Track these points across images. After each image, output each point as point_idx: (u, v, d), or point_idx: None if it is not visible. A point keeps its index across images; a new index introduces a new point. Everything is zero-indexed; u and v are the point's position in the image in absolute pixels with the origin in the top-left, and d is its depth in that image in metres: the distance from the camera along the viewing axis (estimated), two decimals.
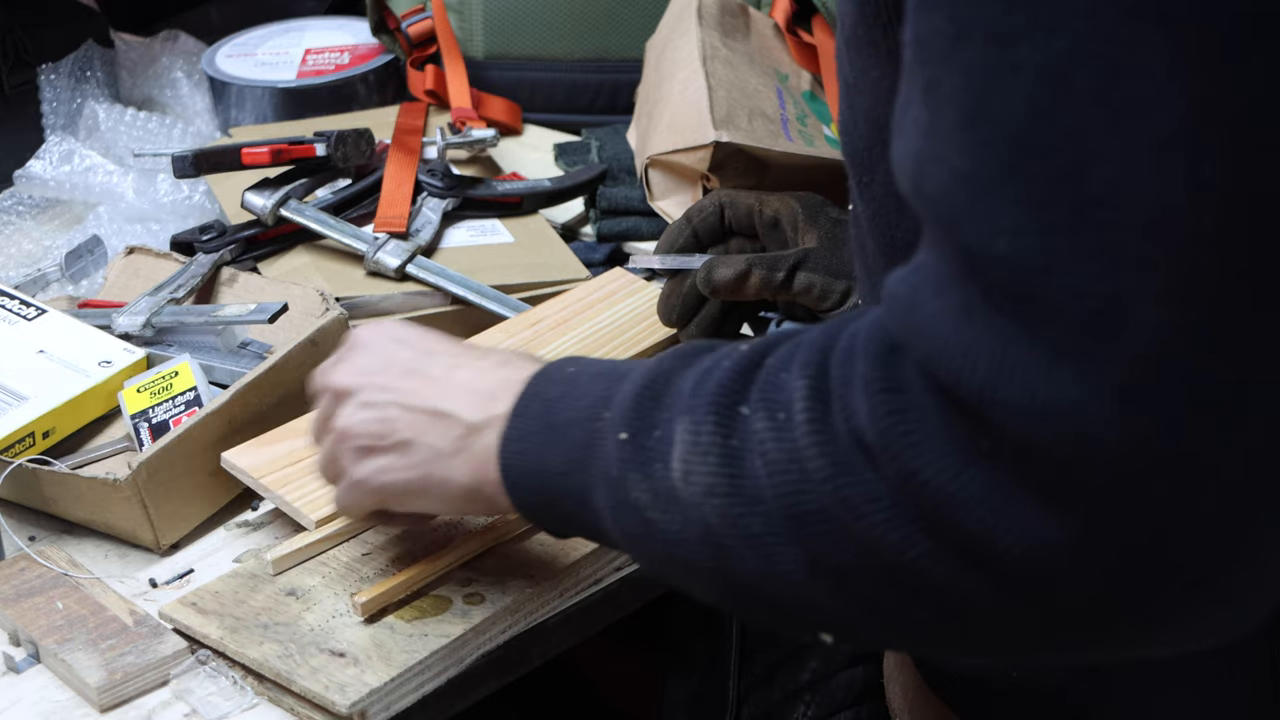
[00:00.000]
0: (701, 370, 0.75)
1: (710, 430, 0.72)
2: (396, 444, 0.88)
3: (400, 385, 0.89)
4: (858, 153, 0.84)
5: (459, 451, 0.86)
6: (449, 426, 0.86)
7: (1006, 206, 0.62)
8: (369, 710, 0.89)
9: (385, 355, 0.90)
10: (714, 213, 1.17)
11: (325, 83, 1.53)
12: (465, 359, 0.89)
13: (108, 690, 0.92)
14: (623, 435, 0.76)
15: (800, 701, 1.19)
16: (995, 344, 0.62)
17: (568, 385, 0.83)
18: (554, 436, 0.81)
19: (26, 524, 1.07)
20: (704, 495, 0.72)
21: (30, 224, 1.42)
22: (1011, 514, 0.62)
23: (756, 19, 1.47)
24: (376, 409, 0.89)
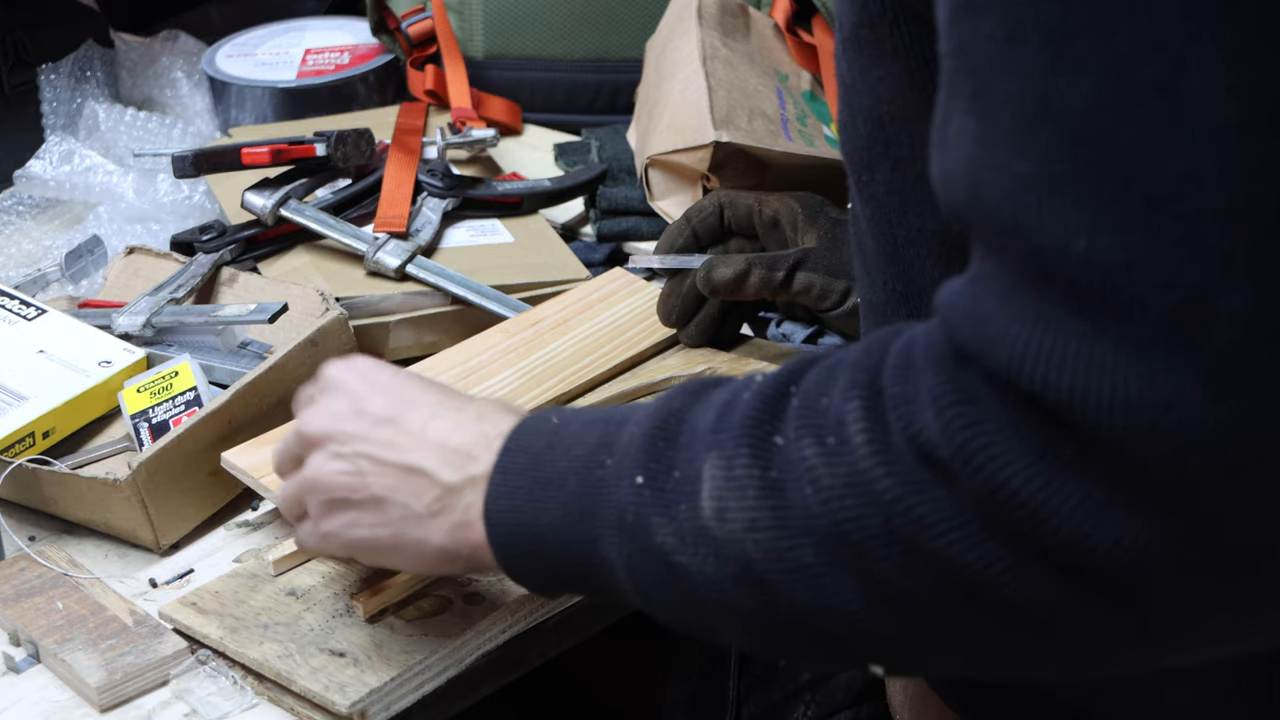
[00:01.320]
0: (718, 405, 0.73)
1: (746, 463, 0.70)
2: (368, 499, 0.85)
3: (373, 436, 0.85)
4: (856, 152, 0.84)
5: (435, 514, 0.83)
6: (424, 486, 0.83)
7: (1080, 206, 0.61)
8: (369, 710, 0.89)
9: (358, 400, 0.86)
10: (713, 213, 1.17)
11: (325, 83, 1.53)
12: (442, 410, 0.85)
13: (108, 690, 0.92)
14: (639, 479, 0.74)
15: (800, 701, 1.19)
16: (1080, 346, 0.61)
17: (554, 436, 0.80)
18: (548, 490, 0.78)
19: (26, 524, 1.07)
20: (745, 531, 0.70)
21: (30, 224, 1.42)
22: (1106, 517, 0.62)
23: (756, 19, 1.47)
24: (347, 460, 0.85)
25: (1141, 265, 0.60)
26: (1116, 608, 0.64)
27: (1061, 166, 0.61)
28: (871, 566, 0.67)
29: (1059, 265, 0.61)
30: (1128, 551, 0.62)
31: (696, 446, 0.73)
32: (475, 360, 1.14)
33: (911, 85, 0.78)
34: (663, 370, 1.14)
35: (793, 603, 0.69)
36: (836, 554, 0.67)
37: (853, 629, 0.69)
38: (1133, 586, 0.63)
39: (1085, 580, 0.63)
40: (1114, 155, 0.61)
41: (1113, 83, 0.60)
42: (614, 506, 0.75)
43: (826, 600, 0.68)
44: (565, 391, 1.11)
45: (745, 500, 0.70)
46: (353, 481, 0.85)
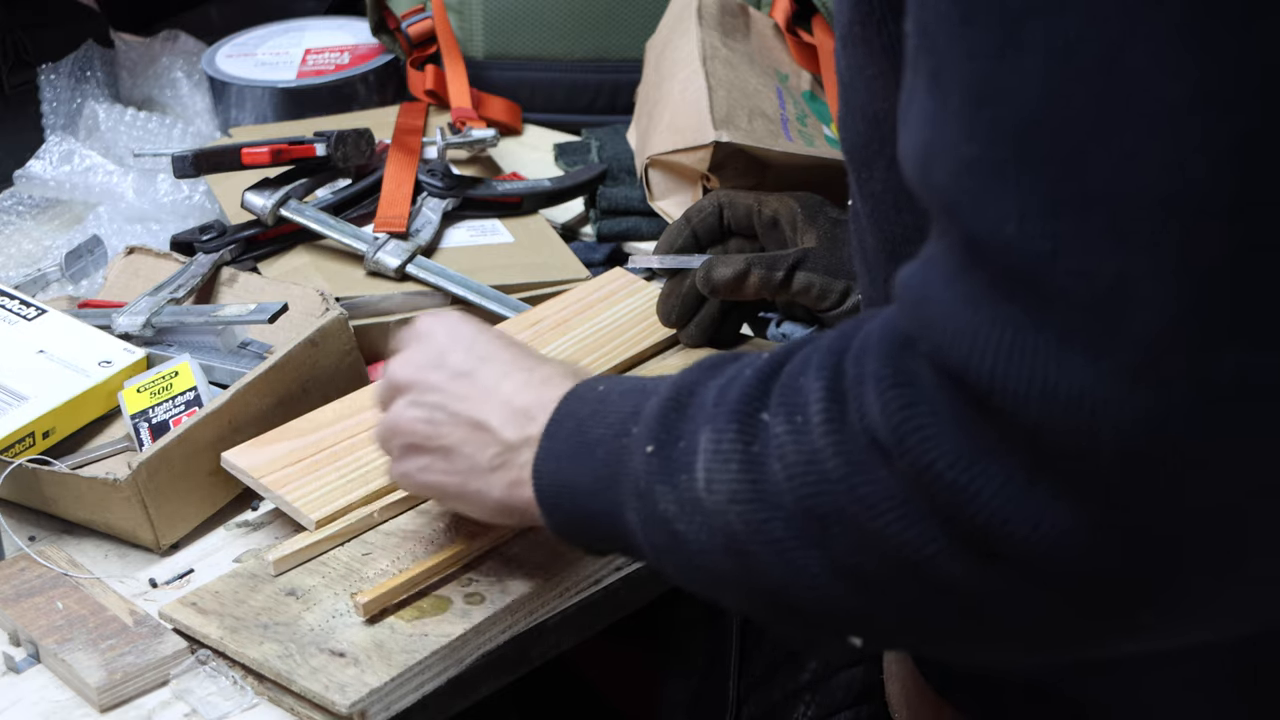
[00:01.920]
0: (725, 380, 0.76)
1: (732, 437, 0.72)
2: (439, 448, 0.90)
3: (449, 389, 0.90)
4: (855, 150, 0.84)
5: (496, 468, 0.87)
6: (487, 441, 0.88)
7: (1013, 190, 0.61)
8: (369, 710, 0.89)
9: (440, 353, 0.91)
10: (713, 213, 1.17)
11: (325, 83, 1.53)
12: (515, 369, 0.89)
13: (108, 690, 0.92)
14: (649, 448, 0.77)
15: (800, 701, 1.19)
16: (1003, 331, 0.61)
17: (598, 404, 0.83)
18: (583, 456, 0.82)
19: (26, 524, 1.07)
20: (727, 502, 0.72)
21: (30, 224, 1.42)
22: (1024, 503, 0.62)
23: (756, 19, 1.47)
24: (424, 409, 0.90)
25: (1067, 252, 0.60)
26: (1036, 594, 0.64)
27: (1001, 150, 0.61)
28: (830, 542, 0.68)
29: (991, 249, 0.62)
30: (1045, 537, 0.62)
31: (699, 419, 0.75)
32: None
33: (898, 81, 0.78)
34: (663, 370, 1.14)
35: (768, 573, 0.71)
36: (803, 529, 0.69)
37: (823, 602, 0.71)
38: (1050, 572, 0.63)
39: (1005, 565, 0.63)
40: (1050, 139, 0.60)
41: (1055, 65, 0.60)
42: (632, 474, 0.78)
43: (796, 574, 0.70)
44: None
45: (728, 473, 0.72)
46: (428, 430, 0.90)
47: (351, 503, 1.02)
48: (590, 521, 0.82)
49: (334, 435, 1.06)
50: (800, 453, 0.69)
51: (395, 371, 0.93)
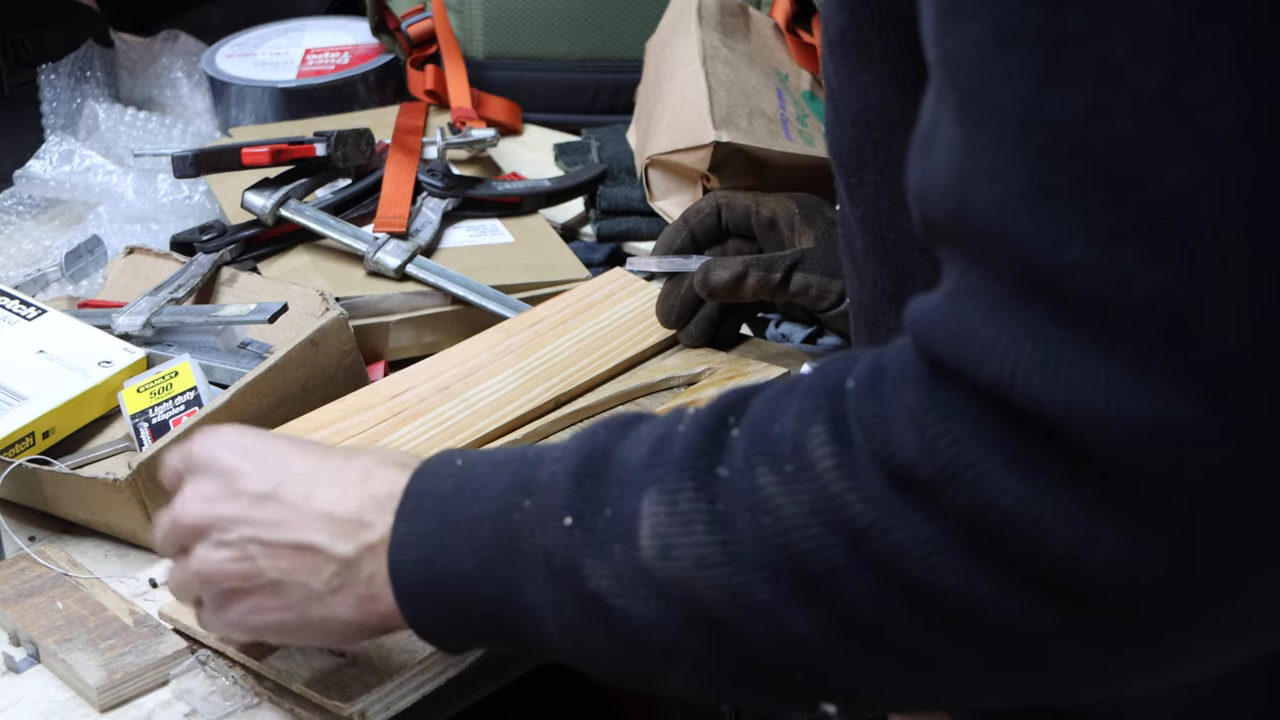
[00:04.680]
0: (650, 439, 0.71)
1: (689, 497, 0.67)
2: (264, 585, 0.80)
3: (255, 516, 0.80)
4: (845, 154, 0.83)
5: (336, 590, 0.78)
6: (318, 563, 0.79)
7: (1072, 216, 0.59)
8: (369, 710, 0.89)
9: (229, 478, 0.81)
10: (711, 214, 1.17)
11: (325, 83, 1.53)
12: (323, 475, 0.80)
13: (108, 690, 0.92)
14: (567, 520, 0.71)
15: None
16: (1073, 359, 0.59)
17: (460, 479, 0.76)
18: (459, 536, 0.74)
19: (26, 524, 1.07)
20: (692, 569, 0.67)
21: (30, 224, 1.43)
22: (1100, 535, 0.60)
23: (756, 19, 1.47)
24: (234, 548, 0.80)
25: (1136, 276, 0.59)
26: (1106, 629, 0.62)
27: (1053, 176, 0.60)
28: (836, 598, 0.64)
29: (1050, 277, 0.60)
30: (1122, 570, 0.60)
31: (629, 482, 0.70)
32: (475, 360, 1.14)
33: (899, 90, 0.78)
34: (662, 370, 1.14)
35: (746, 641, 0.67)
36: (796, 587, 0.65)
37: (811, 665, 0.67)
38: (1125, 606, 0.61)
39: (1074, 602, 0.61)
40: (1108, 164, 0.59)
41: (1107, 91, 0.59)
42: (538, 550, 0.72)
43: (784, 636, 0.66)
44: (565, 391, 1.11)
45: (691, 536, 0.67)
46: (244, 569, 0.80)
47: None
48: (469, 609, 0.75)
49: (334, 435, 1.06)
50: (799, 503, 0.65)
51: (183, 513, 0.82)
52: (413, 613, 0.77)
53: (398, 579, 0.76)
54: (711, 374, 1.13)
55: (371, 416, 1.08)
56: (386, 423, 1.08)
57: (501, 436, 1.08)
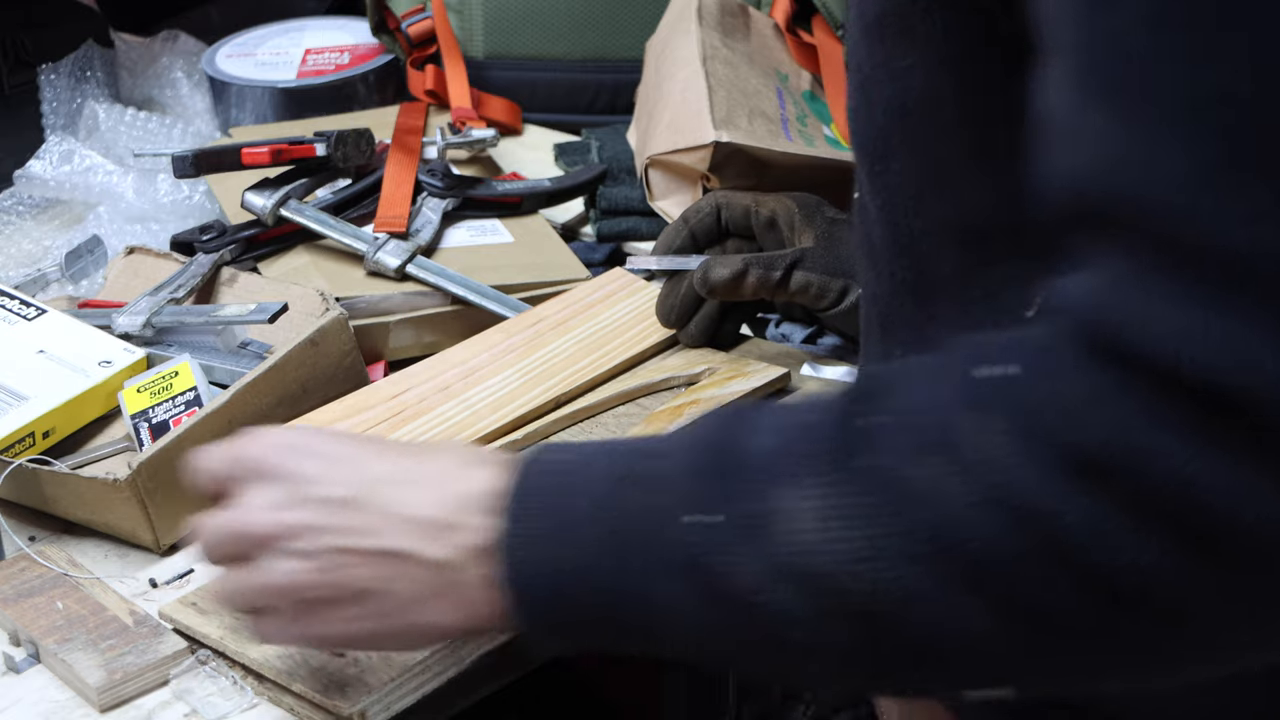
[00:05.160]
0: (774, 431, 0.69)
1: (830, 491, 0.66)
2: (351, 594, 0.77)
3: (335, 524, 0.76)
4: (870, 141, 0.83)
5: (437, 594, 0.75)
6: (412, 569, 0.75)
7: (1243, 194, 0.59)
8: (369, 710, 0.89)
9: (299, 483, 0.77)
10: (710, 214, 1.17)
11: (325, 83, 1.53)
12: (402, 474, 0.77)
13: (108, 690, 0.92)
14: (694, 517, 0.69)
15: (800, 701, 1.19)
16: (1263, 335, 0.59)
17: (566, 476, 0.73)
18: (574, 535, 0.71)
19: (26, 524, 1.07)
20: (838, 563, 0.65)
21: (30, 224, 1.43)
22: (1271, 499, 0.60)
23: (756, 19, 1.47)
24: (314, 558, 0.76)
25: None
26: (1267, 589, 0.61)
27: (1222, 154, 0.59)
28: (1001, 584, 0.63)
29: (1222, 255, 0.59)
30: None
31: (758, 477, 0.68)
32: (475, 360, 1.14)
33: (943, 73, 0.77)
34: (662, 370, 1.14)
35: (899, 632, 0.66)
36: (956, 576, 0.64)
37: (973, 652, 0.66)
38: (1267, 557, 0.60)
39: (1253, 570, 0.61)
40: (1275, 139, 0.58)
41: (1272, 67, 0.58)
42: (663, 546, 0.69)
43: (942, 626, 0.65)
44: (565, 391, 1.11)
45: (835, 531, 0.65)
46: (328, 579, 0.76)
47: None
48: (589, 611, 0.72)
49: None
50: (956, 494, 0.63)
51: (248, 522, 0.78)
52: (528, 614, 0.74)
53: (514, 580, 0.73)
54: (711, 374, 1.13)
55: (371, 416, 1.08)
56: (386, 423, 1.08)
57: (502, 436, 1.08)
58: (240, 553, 0.79)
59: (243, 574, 0.79)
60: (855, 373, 1.12)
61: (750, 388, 1.10)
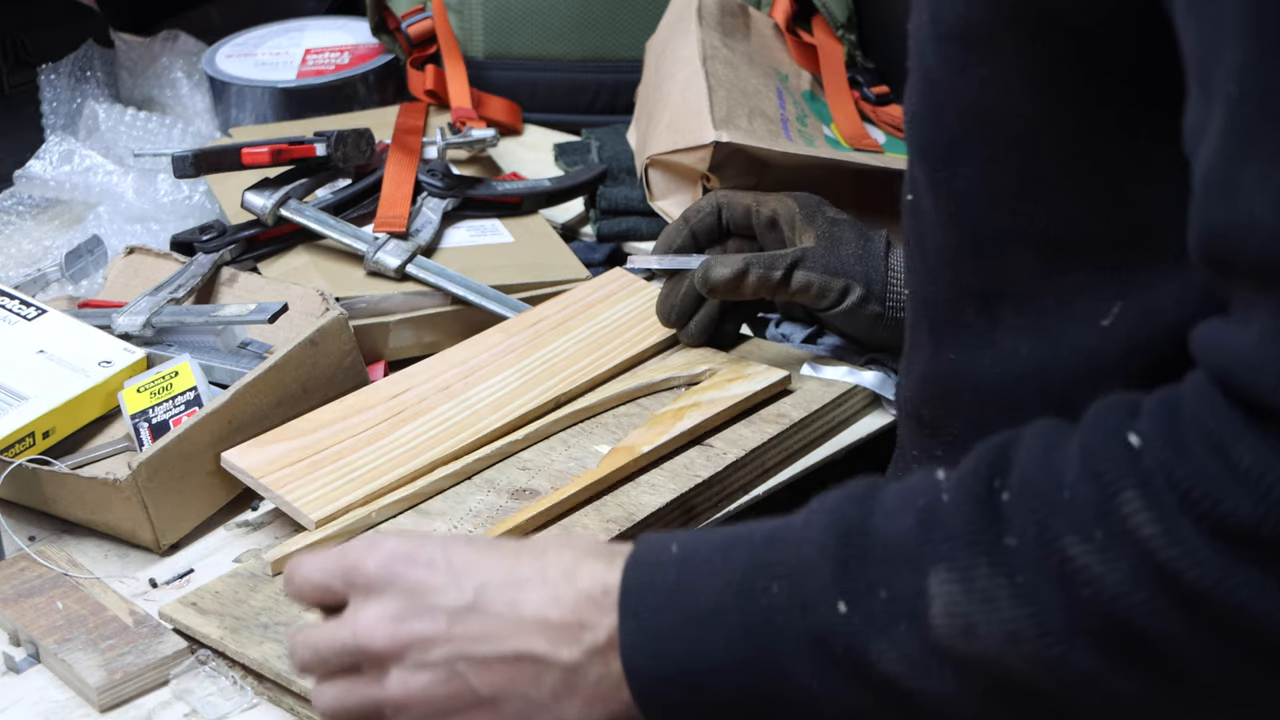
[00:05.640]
0: (911, 510, 0.69)
1: (986, 573, 0.66)
2: (476, 702, 0.75)
3: (459, 633, 0.75)
4: (937, 147, 0.83)
5: (571, 693, 0.74)
6: (540, 671, 0.74)
7: None
8: None
9: (418, 594, 0.76)
10: (711, 213, 1.16)
11: (325, 83, 1.53)
12: (522, 575, 0.76)
13: (108, 690, 0.92)
14: (840, 605, 0.69)
15: None
16: None
17: (682, 568, 0.73)
18: (700, 629, 0.71)
19: (26, 524, 1.07)
20: (1001, 644, 0.66)
21: (30, 224, 1.43)
22: None
23: (756, 19, 1.47)
24: (438, 669, 0.75)
25: None
26: None
27: None
28: (1166, 657, 0.64)
29: None
30: None
31: (903, 560, 0.68)
32: (475, 360, 1.14)
33: (1030, 89, 0.77)
34: (663, 370, 1.14)
35: (1061, 706, 0.67)
36: (1120, 650, 0.65)
37: (1133, 717, 0.67)
38: None
39: None
40: None
41: None
42: (803, 636, 0.69)
43: (1106, 697, 0.66)
44: (565, 391, 1.11)
45: (997, 612, 0.66)
46: (453, 689, 0.75)
47: (351, 503, 1.02)
48: (720, 702, 0.72)
49: (334, 435, 1.06)
50: (1120, 571, 0.63)
51: (369, 636, 0.76)
52: (655, 710, 0.73)
53: (635, 679, 0.73)
54: (712, 374, 1.13)
55: (371, 416, 1.08)
56: (386, 423, 1.08)
57: (501, 437, 1.07)
58: (355, 664, 0.77)
59: (356, 688, 0.77)
60: (855, 373, 1.13)
61: (751, 390, 1.10)
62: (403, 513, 1.02)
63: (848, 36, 1.47)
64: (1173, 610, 0.63)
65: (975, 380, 0.84)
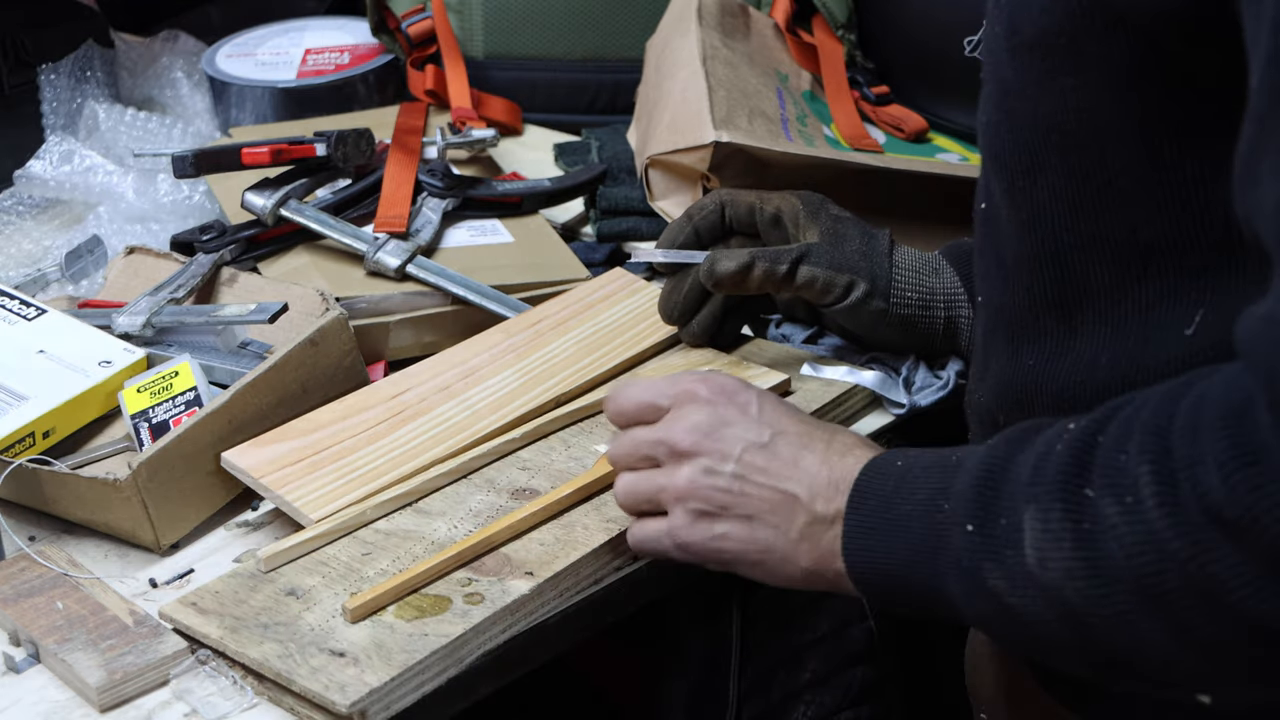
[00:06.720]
0: (1036, 455, 0.77)
1: (1059, 516, 0.75)
2: (740, 516, 0.91)
3: (747, 460, 0.91)
4: (1014, 156, 0.85)
5: (804, 539, 0.89)
6: (795, 511, 0.90)
7: None
8: (369, 710, 0.89)
9: (724, 420, 0.92)
10: (714, 211, 1.16)
11: (325, 83, 1.53)
12: (810, 441, 0.91)
13: (108, 690, 0.92)
14: (969, 527, 0.79)
15: (800, 701, 1.19)
16: None
17: (899, 480, 0.86)
18: (895, 532, 0.85)
19: (26, 524, 1.07)
20: (1063, 579, 0.75)
21: (30, 224, 1.43)
22: None
23: (756, 19, 1.47)
24: (722, 478, 0.91)
25: None
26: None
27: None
28: (1177, 615, 0.71)
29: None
30: None
31: (1017, 497, 0.77)
32: (475, 360, 1.14)
33: (1111, 98, 0.80)
34: (663, 370, 1.14)
35: (1107, 641, 0.75)
36: (1144, 601, 0.72)
37: (1163, 666, 0.74)
38: None
39: None
40: None
41: None
42: (953, 550, 0.81)
43: (1137, 641, 0.73)
44: (565, 391, 1.11)
45: (1062, 551, 0.74)
46: (728, 499, 0.91)
47: (351, 502, 1.02)
48: (905, 591, 0.85)
49: (334, 435, 1.06)
50: (1136, 534, 0.71)
51: (677, 436, 0.93)
52: (861, 586, 0.88)
53: (850, 561, 0.87)
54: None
55: (371, 416, 1.08)
56: (386, 423, 1.08)
57: (501, 436, 1.08)
58: (652, 455, 0.94)
59: (651, 475, 0.94)
60: (855, 373, 1.13)
61: None
62: (399, 510, 1.02)
63: (848, 36, 1.47)
64: (1171, 573, 0.70)
65: (1055, 388, 0.87)
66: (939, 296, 1.11)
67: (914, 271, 1.11)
